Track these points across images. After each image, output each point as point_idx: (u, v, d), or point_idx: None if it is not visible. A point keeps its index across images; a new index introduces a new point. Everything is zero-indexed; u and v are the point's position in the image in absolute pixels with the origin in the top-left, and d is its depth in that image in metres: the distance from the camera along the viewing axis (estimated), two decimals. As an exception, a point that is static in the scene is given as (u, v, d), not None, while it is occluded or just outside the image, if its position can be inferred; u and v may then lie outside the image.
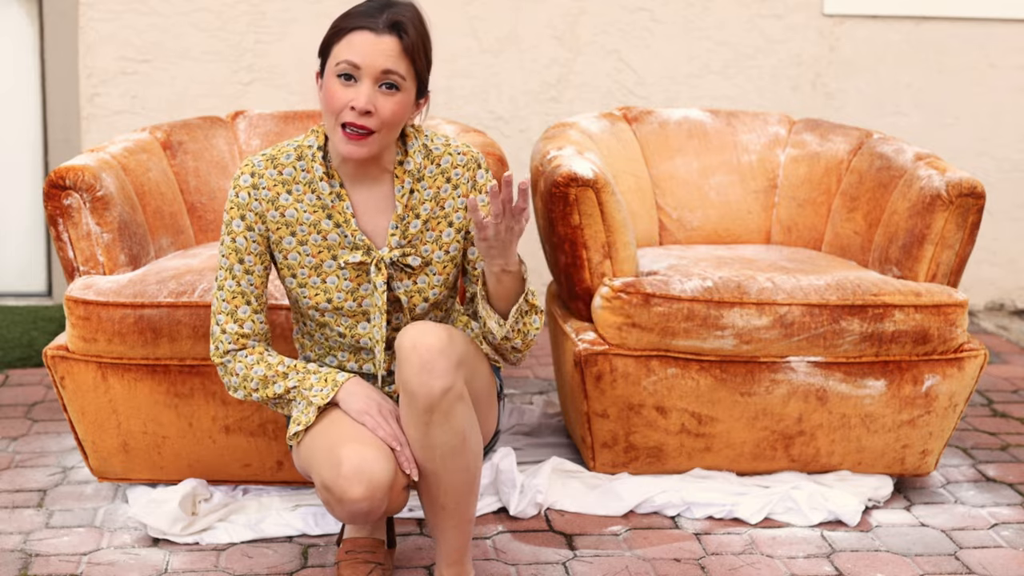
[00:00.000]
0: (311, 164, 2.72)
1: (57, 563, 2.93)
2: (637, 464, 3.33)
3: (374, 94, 2.62)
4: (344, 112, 2.62)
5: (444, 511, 2.67)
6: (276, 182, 2.72)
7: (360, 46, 2.62)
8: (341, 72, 2.63)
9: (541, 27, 4.76)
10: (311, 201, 2.72)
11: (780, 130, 3.92)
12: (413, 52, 2.64)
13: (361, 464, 2.54)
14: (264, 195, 2.71)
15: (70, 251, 3.22)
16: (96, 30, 4.64)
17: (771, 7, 4.81)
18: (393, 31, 2.62)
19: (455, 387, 2.56)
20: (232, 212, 2.73)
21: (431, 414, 2.56)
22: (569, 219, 3.29)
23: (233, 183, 2.73)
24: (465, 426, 2.60)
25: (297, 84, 4.69)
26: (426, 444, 2.59)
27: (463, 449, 2.61)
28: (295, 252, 2.73)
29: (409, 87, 2.65)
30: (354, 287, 2.74)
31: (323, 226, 2.72)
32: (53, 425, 3.70)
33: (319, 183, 2.71)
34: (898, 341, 3.25)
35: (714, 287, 3.23)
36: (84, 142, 4.69)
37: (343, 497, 2.54)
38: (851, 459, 3.34)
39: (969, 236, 3.37)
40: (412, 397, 2.56)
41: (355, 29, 2.63)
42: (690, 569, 2.96)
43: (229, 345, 2.74)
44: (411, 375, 2.55)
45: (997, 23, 4.89)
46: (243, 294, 2.74)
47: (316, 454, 2.62)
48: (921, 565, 3.00)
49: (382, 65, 2.61)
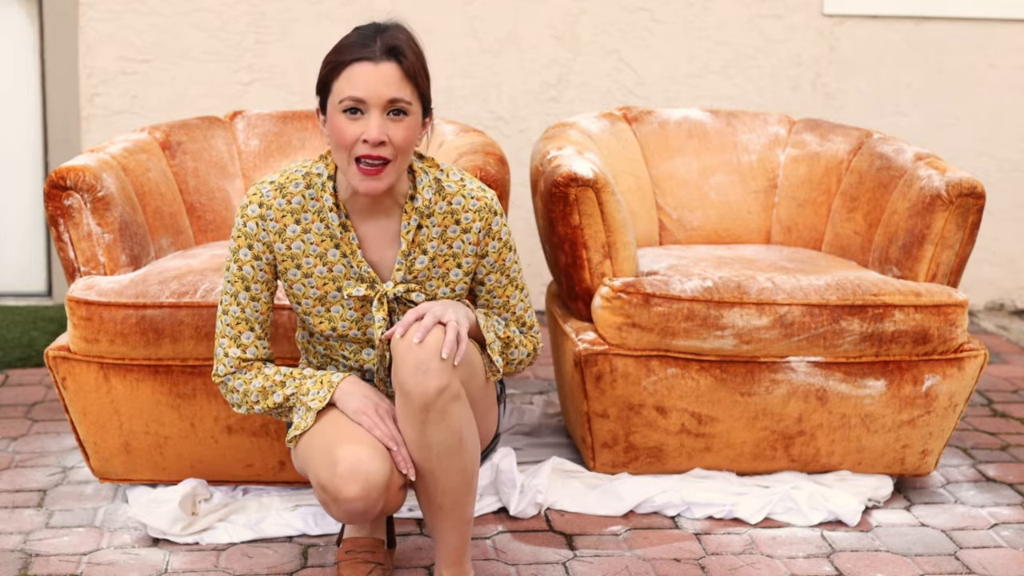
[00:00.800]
0: (320, 193, 2.69)
1: (57, 563, 2.93)
2: (637, 464, 3.33)
3: (384, 123, 2.59)
4: (357, 146, 2.59)
5: (442, 511, 2.67)
6: (284, 212, 2.70)
7: (361, 79, 2.58)
8: (347, 108, 2.59)
9: (541, 27, 4.76)
10: (319, 230, 2.70)
11: (780, 130, 3.92)
12: (414, 75, 2.61)
13: (357, 464, 2.55)
14: (271, 227, 2.70)
15: (71, 251, 3.22)
16: (96, 30, 4.64)
17: (771, 7, 4.81)
18: (391, 57, 2.59)
19: (451, 386, 2.56)
20: (239, 240, 2.71)
21: (427, 413, 2.56)
22: (569, 219, 3.30)
23: (241, 212, 2.71)
24: (461, 425, 2.60)
25: (297, 84, 4.69)
26: (422, 444, 2.60)
27: (460, 449, 2.61)
28: (300, 284, 2.73)
29: (416, 110, 2.63)
30: (358, 317, 2.74)
31: (330, 257, 2.71)
32: (53, 425, 3.71)
33: (328, 213, 2.69)
34: (898, 341, 3.25)
35: (714, 287, 3.23)
36: (84, 142, 4.69)
37: (339, 496, 2.55)
38: (851, 459, 3.34)
39: (969, 236, 3.37)
40: (408, 396, 2.56)
41: (352, 62, 2.59)
42: (690, 569, 2.96)
43: (231, 369, 2.75)
44: (407, 375, 2.55)
45: (997, 23, 4.89)
46: (247, 320, 2.74)
47: (313, 454, 2.63)
48: (921, 565, 3.00)
49: (388, 95, 2.58)
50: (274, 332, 3.09)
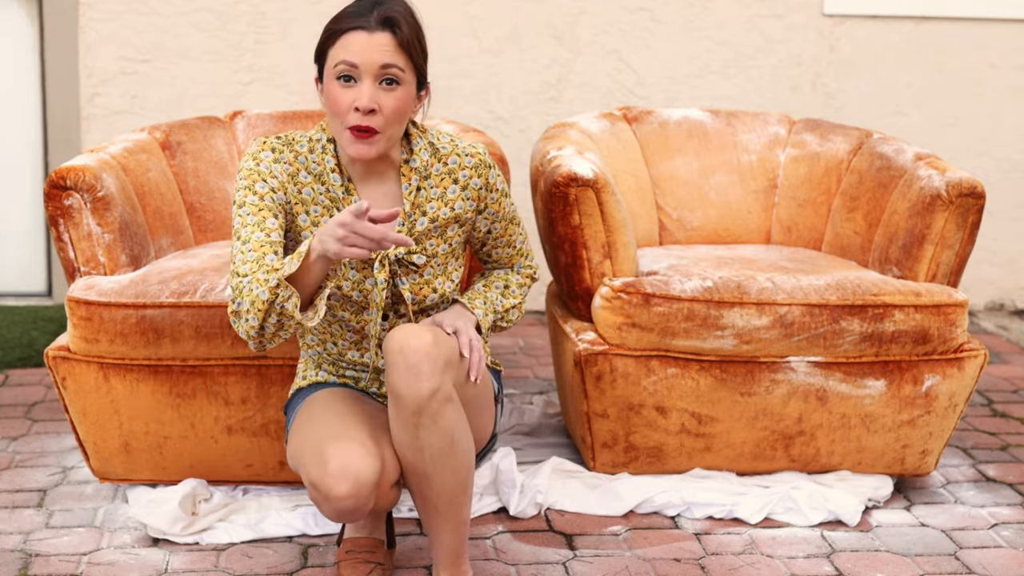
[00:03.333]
0: (322, 156, 2.73)
1: (57, 563, 2.93)
2: (637, 464, 3.33)
3: (376, 92, 2.63)
4: (349, 115, 2.63)
5: (437, 513, 2.67)
6: (295, 159, 2.73)
7: (355, 45, 2.62)
8: (340, 74, 2.63)
9: (541, 27, 4.76)
10: (319, 191, 2.73)
11: (780, 130, 3.92)
12: (408, 46, 2.65)
13: (347, 462, 2.55)
14: (286, 168, 2.71)
15: (71, 251, 3.22)
16: (96, 30, 4.64)
17: (771, 7, 4.81)
18: (386, 27, 2.63)
19: (442, 389, 2.56)
20: (253, 177, 2.68)
21: (419, 416, 2.56)
22: (569, 219, 3.30)
23: (251, 156, 2.70)
24: (454, 428, 2.60)
25: (297, 84, 4.69)
26: (415, 446, 2.60)
27: (453, 451, 2.61)
28: (307, 231, 2.74)
29: (409, 80, 2.66)
30: (360, 278, 2.74)
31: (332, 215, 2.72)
32: (53, 425, 3.71)
33: (329, 175, 2.72)
34: (898, 341, 3.25)
35: (714, 287, 3.23)
36: (84, 142, 4.69)
37: (329, 495, 2.56)
38: (851, 459, 3.34)
39: (969, 236, 3.37)
40: (399, 400, 2.57)
41: (348, 30, 2.64)
42: (690, 569, 2.96)
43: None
44: (398, 378, 2.56)
45: (997, 23, 4.89)
46: (272, 244, 2.62)
47: (304, 452, 2.64)
48: (921, 565, 3.00)
49: (379, 60, 2.62)
50: (274, 332, 3.09)
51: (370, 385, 2.85)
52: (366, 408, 2.76)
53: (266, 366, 3.14)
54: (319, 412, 2.71)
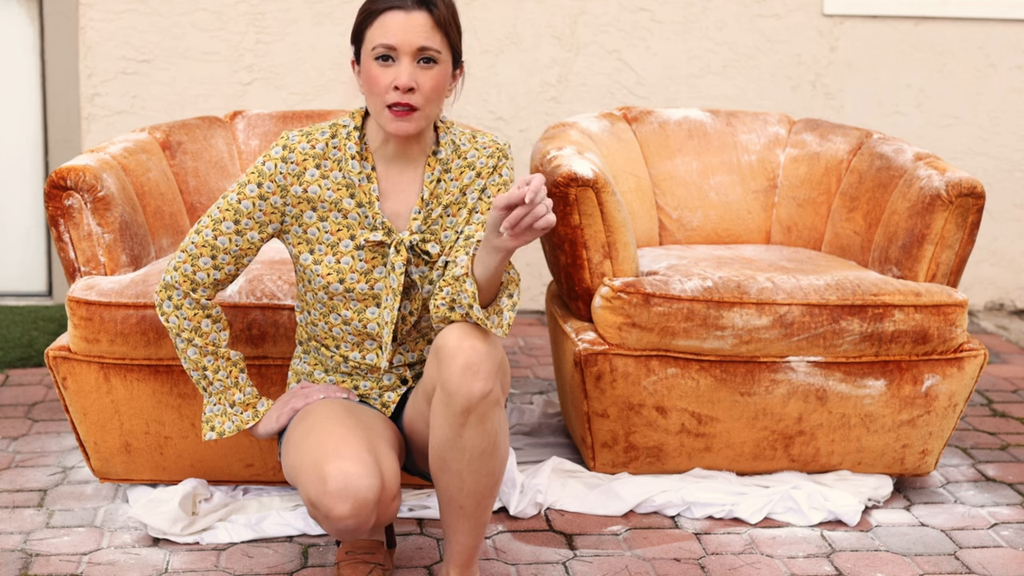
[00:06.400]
0: (344, 143, 2.74)
1: (57, 563, 2.93)
2: (637, 464, 3.33)
3: (414, 71, 2.65)
4: (388, 94, 2.65)
5: (462, 512, 2.66)
6: (306, 156, 2.73)
7: (393, 26, 2.65)
8: (378, 55, 2.66)
9: (541, 27, 4.76)
10: (336, 179, 2.74)
11: (780, 130, 3.92)
12: (445, 24, 2.68)
13: (346, 482, 2.53)
14: (291, 169, 2.73)
15: (71, 251, 3.22)
16: (96, 30, 4.64)
17: (771, 7, 4.82)
18: (423, 6, 2.66)
19: (493, 391, 2.56)
20: (251, 176, 2.74)
21: (467, 415, 2.56)
22: (569, 219, 3.30)
23: (265, 154, 2.76)
24: (498, 431, 2.60)
25: (297, 84, 4.69)
26: (457, 445, 2.59)
27: (493, 453, 2.61)
28: (315, 227, 2.75)
29: (445, 59, 2.70)
30: (368, 269, 2.75)
31: (344, 204, 2.73)
32: (53, 425, 3.71)
33: (349, 162, 2.73)
34: (898, 341, 3.25)
35: (714, 287, 3.23)
36: (84, 142, 4.69)
37: (329, 515, 2.55)
38: (851, 459, 3.34)
39: (969, 236, 3.37)
40: (450, 397, 2.55)
41: (385, 11, 2.66)
42: (690, 569, 2.96)
43: (174, 282, 2.77)
44: (453, 373, 2.54)
45: (997, 23, 4.89)
46: (213, 248, 2.75)
47: (302, 469, 2.62)
48: (921, 565, 3.00)
49: (417, 42, 2.65)
50: (274, 332, 3.09)
51: (370, 391, 2.84)
52: (363, 418, 2.73)
53: (266, 366, 3.14)
54: (316, 424, 2.68)
